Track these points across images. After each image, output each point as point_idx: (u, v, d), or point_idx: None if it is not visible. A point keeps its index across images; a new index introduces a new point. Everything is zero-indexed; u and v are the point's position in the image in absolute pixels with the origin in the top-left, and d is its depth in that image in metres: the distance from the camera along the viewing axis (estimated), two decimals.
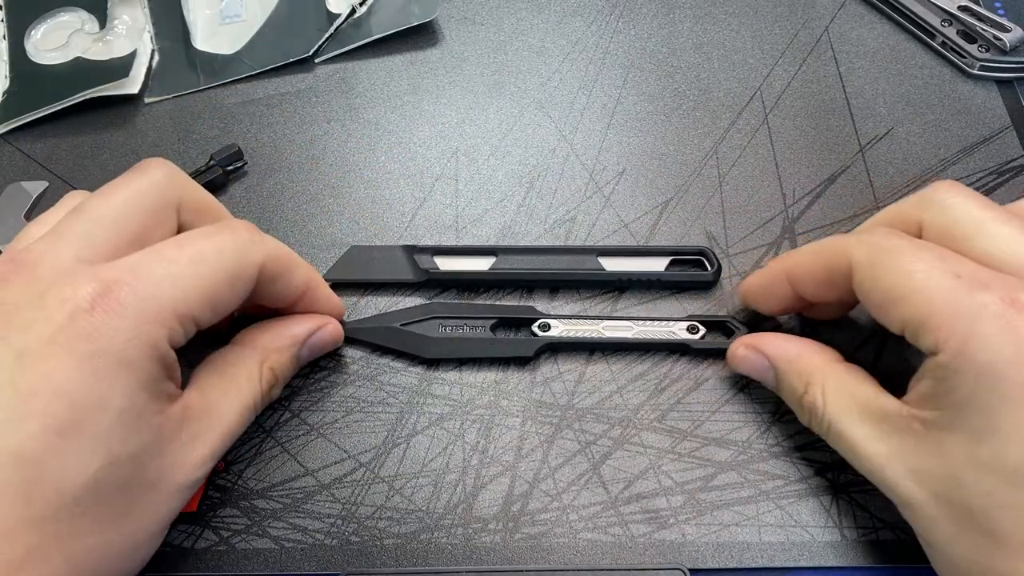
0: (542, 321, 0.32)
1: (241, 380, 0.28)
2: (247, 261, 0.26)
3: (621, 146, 0.39)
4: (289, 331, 0.30)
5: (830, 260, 0.27)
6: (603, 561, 0.28)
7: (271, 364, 0.29)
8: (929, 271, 0.24)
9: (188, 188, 0.28)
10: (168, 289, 0.24)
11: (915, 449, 0.24)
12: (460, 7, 0.45)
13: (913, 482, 0.24)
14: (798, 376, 0.28)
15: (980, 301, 0.22)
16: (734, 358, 0.30)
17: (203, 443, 0.26)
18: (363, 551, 0.29)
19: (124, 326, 0.23)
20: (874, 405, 0.26)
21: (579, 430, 0.31)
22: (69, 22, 0.44)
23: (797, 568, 0.28)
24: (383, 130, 0.40)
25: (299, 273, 0.29)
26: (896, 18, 0.43)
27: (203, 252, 0.25)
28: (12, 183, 0.38)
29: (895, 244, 0.25)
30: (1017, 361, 0.22)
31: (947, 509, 0.23)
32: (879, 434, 0.25)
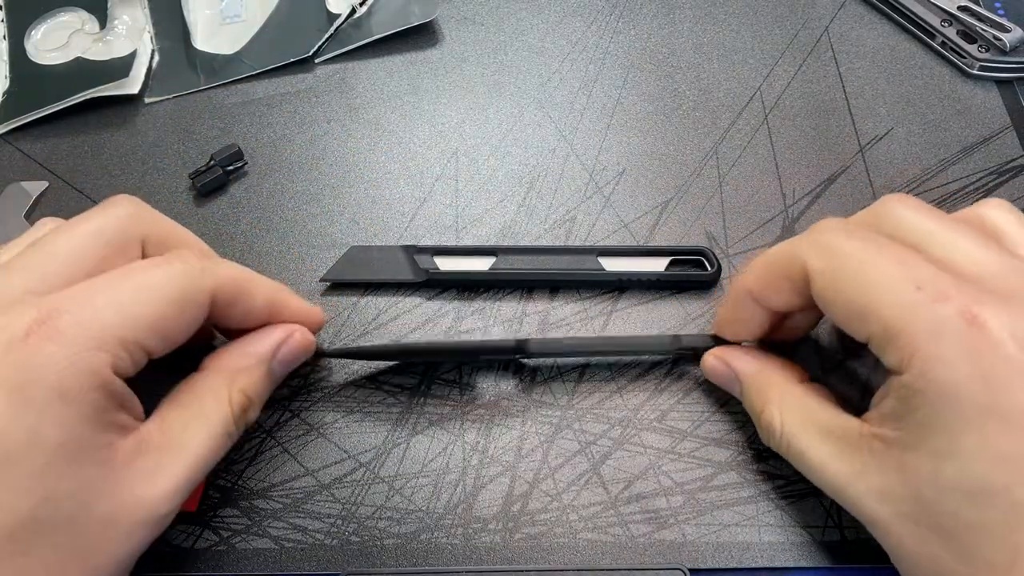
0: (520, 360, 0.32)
1: (208, 406, 0.26)
2: (196, 288, 0.25)
3: (621, 146, 0.39)
4: (254, 349, 0.28)
5: (787, 268, 0.26)
6: (603, 561, 0.28)
7: (240, 386, 0.27)
8: (891, 282, 0.23)
9: (154, 223, 0.27)
10: (110, 315, 0.23)
11: (878, 468, 0.24)
12: (460, 7, 0.45)
13: (877, 501, 0.24)
14: (757, 393, 0.28)
15: (941, 316, 0.22)
16: (704, 366, 0.31)
17: (166, 476, 0.24)
18: (363, 551, 0.29)
19: (61, 354, 0.22)
20: (833, 424, 0.25)
21: (579, 430, 0.31)
22: (69, 22, 0.44)
23: (797, 568, 0.28)
24: (383, 130, 0.40)
25: (259, 294, 0.28)
26: (896, 18, 0.43)
27: (149, 279, 0.24)
28: (12, 183, 0.38)
29: (851, 248, 0.24)
30: (977, 381, 0.21)
31: (913, 528, 0.23)
32: (839, 453, 0.25)
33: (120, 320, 0.23)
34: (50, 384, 0.22)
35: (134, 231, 0.26)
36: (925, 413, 0.22)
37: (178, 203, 0.38)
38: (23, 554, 0.21)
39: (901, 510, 0.23)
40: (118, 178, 0.39)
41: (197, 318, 0.26)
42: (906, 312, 0.23)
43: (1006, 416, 0.21)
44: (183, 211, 0.37)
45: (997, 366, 0.21)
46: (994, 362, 0.21)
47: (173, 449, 0.25)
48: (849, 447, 0.25)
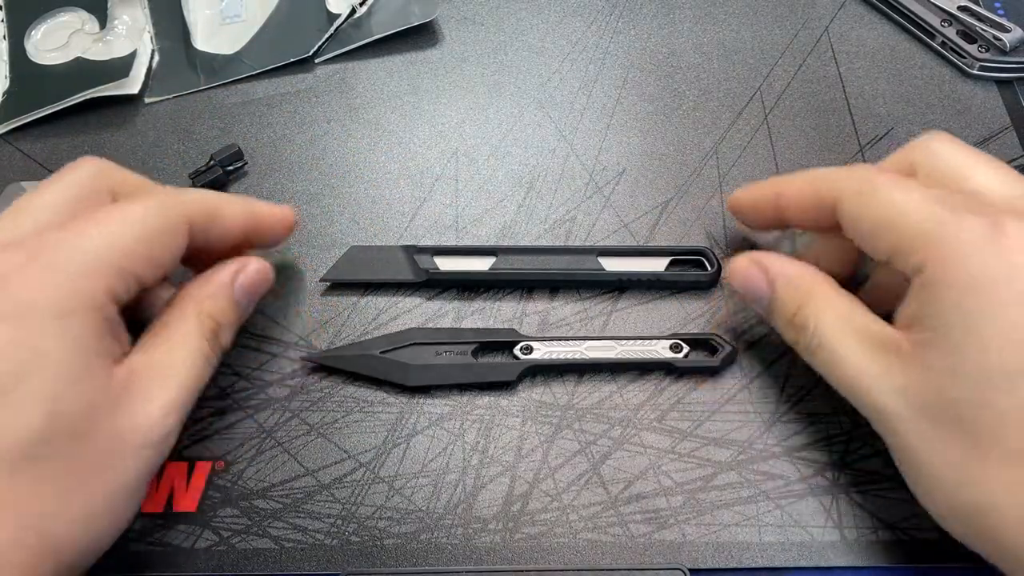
0: (524, 344, 0.32)
1: (181, 332, 0.28)
2: (175, 214, 0.27)
3: (621, 146, 0.39)
4: (215, 276, 0.30)
5: (820, 190, 0.28)
6: (603, 561, 0.28)
7: (208, 311, 0.29)
8: (916, 199, 0.25)
9: (121, 176, 0.29)
10: (102, 244, 0.25)
11: (902, 367, 0.25)
12: (460, 7, 0.45)
13: (898, 398, 0.25)
14: (795, 293, 0.29)
15: (964, 223, 0.23)
16: (735, 272, 0.31)
17: (158, 401, 0.26)
18: (363, 551, 0.29)
19: (58, 280, 0.23)
20: (867, 327, 0.26)
21: (579, 430, 0.31)
22: (69, 22, 0.44)
23: (797, 568, 0.28)
24: (383, 130, 0.40)
25: (231, 210, 0.30)
26: (896, 18, 0.43)
27: (129, 212, 0.26)
28: (12, 183, 0.38)
29: (882, 177, 0.26)
30: (998, 273, 0.22)
31: (928, 420, 0.24)
32: (869, 353, 0.26)
33: (110, 248, 0.25)
34: (50, 309, 0.23)
35: (102, 184, 0.28)
36: (946, 307, 0.23)
37: None
38: (37, 470, 0.22)
39: (919, 404, 0.24)
40: None
41: (179, 242, 0.27)
42: (929, 217, 0.24)
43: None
44: None
45: (1018, 260, 0.22)
46: (1015, 257, 0.23)
47: (158, 375, 0.26)
48: (880, 347, 0.26)
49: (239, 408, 0.32)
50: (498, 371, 0.32)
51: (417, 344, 0.32)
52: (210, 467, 0.30)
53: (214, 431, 0.31)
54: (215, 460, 0.31)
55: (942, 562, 0.28)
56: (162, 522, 0.29)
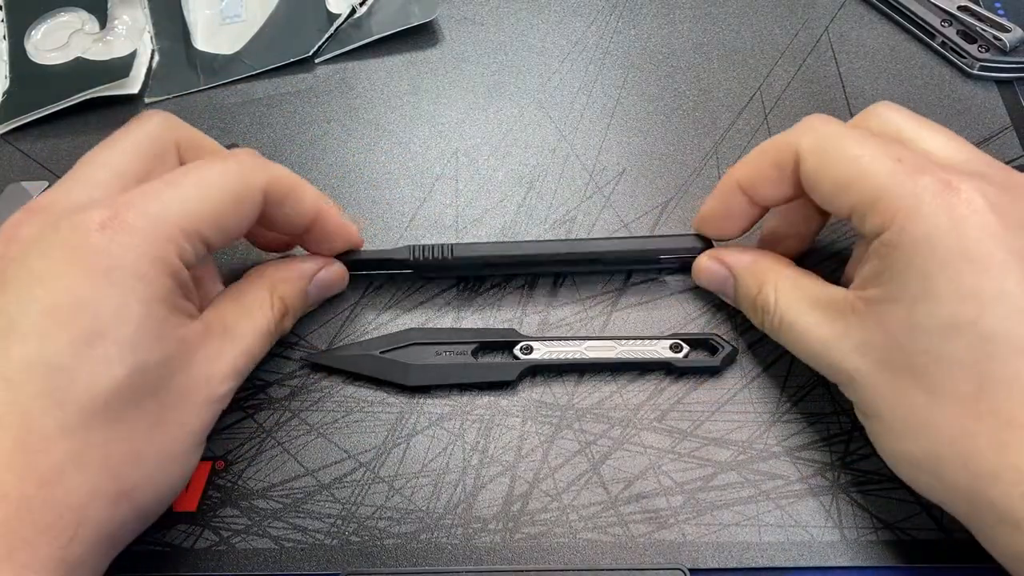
0: (524, 344, 0.32)
1: (254, 306, 0.29)
2: (251, 182, 0.28)
3: (621, 146, 0.39)
4: (296, 265, 0.32)
5: (777, 155, 0.28)
6: (603, 561, 0.28)
7: (280, 293, 0.30)
8: (874, 156, 0.26)
9: (185, 130, 0.30)
10: (175, 208, 0.25)
11: (859, 325, 0.26)
12: (460, 7, 0.45)
13: (857, 355, 0.26)
14: (753, 278, 0.30)
15: (920, 183, 0.24)
16: (698, 270, 0.33)
17: (226, 359, 0.27)
18: (363, 551, 0.29)
19: (134, 242, 0.24)
20: (822, 295, 0.28)
21: (579, 430, 0.31)
22: (69, 22, 0.44)
23: (797, 568, 0.28)
24: (383, 130, 0.40)
25: (307, 197, 0.30)
26: (896, 18, 0.43)
27: (207, 176, 0.27)
28: (12, 183, 0.38)
29: (838, 130, 0.27)
30: (951, 230, 0.24)
31: (888, 374, 0.25)
32: (826, 319, 0.27)
33: (183, 213, 0.26)
34: (129, 268, 0.24)
35: (168, 137, 0.29)
36: (903, 264, 0.24)
37: None
38: (117, 420, 0.24)
39: (877, 359, 0.25)
40: None
41: (252, 212, 0.28)
42: (888, 179, 0.25)
43: (975, 258, 0.23)
44: None
45: (969, 218, 0.24)
46: (966, 214, 0.24)
47: (229, 337, 0.28)
48: (836, 312, 0.27)
49: (239, 408, 0.32)
50: (498, 371, 0.32)
51: (417, 344, 0.32)
52: (210, 467, 0.30)
53: (214, 431, 0.31)
54: (215, 460, 0.31)
55: (942, 562, 0.28)
56: (162, 522, 0.29)
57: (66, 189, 0.27)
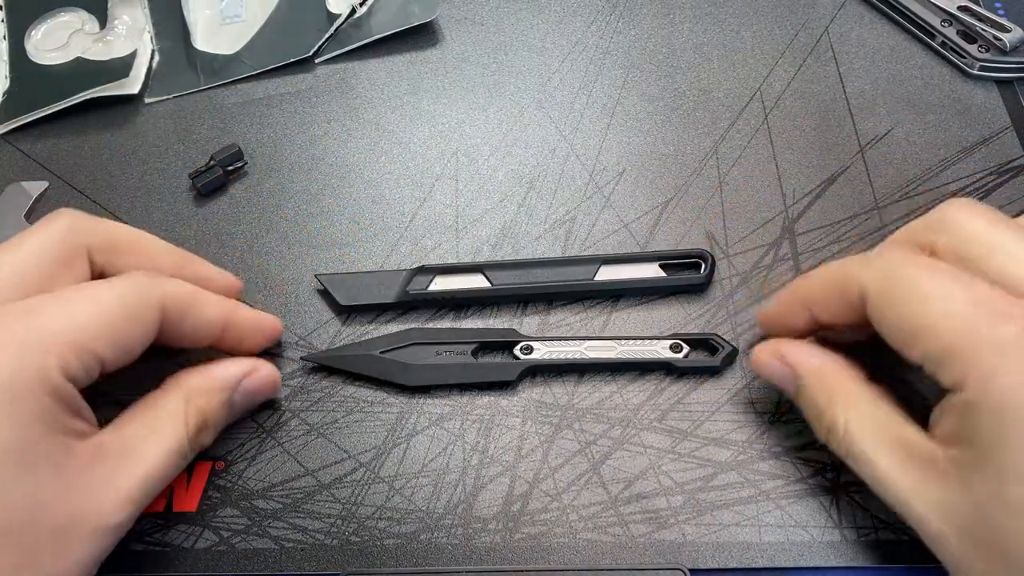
0: (524, 344, 0.32)
1: (164, 421, 0.27)
2: (146, 298, 0.26)
3: (621, 146, 0.39)
4: (219, 373, 0.29)
5: (843, 289, 0.26)
6: (603, 561, 0.28)
7: (198, 406, 0.27)
8: (946, 301, 0.23)
9: (97, 231, 0.28)
10: (59, 321, 0.24)
11: (942, 485, 0.23)
12: (460, 7, 0.45)
13: (941, 518, 0.23)
14: (820, 390, 0.27)
15: (1002, 334, 0.22)
16: (757, 364, 0.30)
17: (121, 485, 0.25)
18: (363, 551, 0.29)
19: (7, 357, 0.22)
20: (899, 434, 0.25)
21: (579, 430, 0.31)
22: (69, 22, 0.44)
23: (797, 568, 0.28)
24: (383, 130, 0.40)
25: (209, 307, 0.28)
26: (896, 18, 0.43)
27: (99, 292, 0.25)
28: (12, 183, 0.38)
29: (906, 272, 0.24)
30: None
31: (978, 549, 0.22)
32: (904, 465, 0.24)
33: (69, 326, 0.24)
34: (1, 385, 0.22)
35: (78, 241, 0.27)
36: (988, 430, 0.22)
37: (178, 203, 0.38)
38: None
39: (965, 528, 0.23)
40: (118, 178, 0.39)
41: (150, 328, 0.26)
42: (965, 328, 0.22)
43: None
44: (183, 211, 0.37)
45: None
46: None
47: (128, 459, 0.25)
48: (914, 460, 0.24)
49: None
50: (498, 371, 0.32)
51: (417, 344, 0.32)
52: (210, 467, 0.30)
53: None
54: (215, 460, 0.31)
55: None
56: (162, 522, 0.29)
57: None
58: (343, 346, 0.33)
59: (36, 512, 0.23)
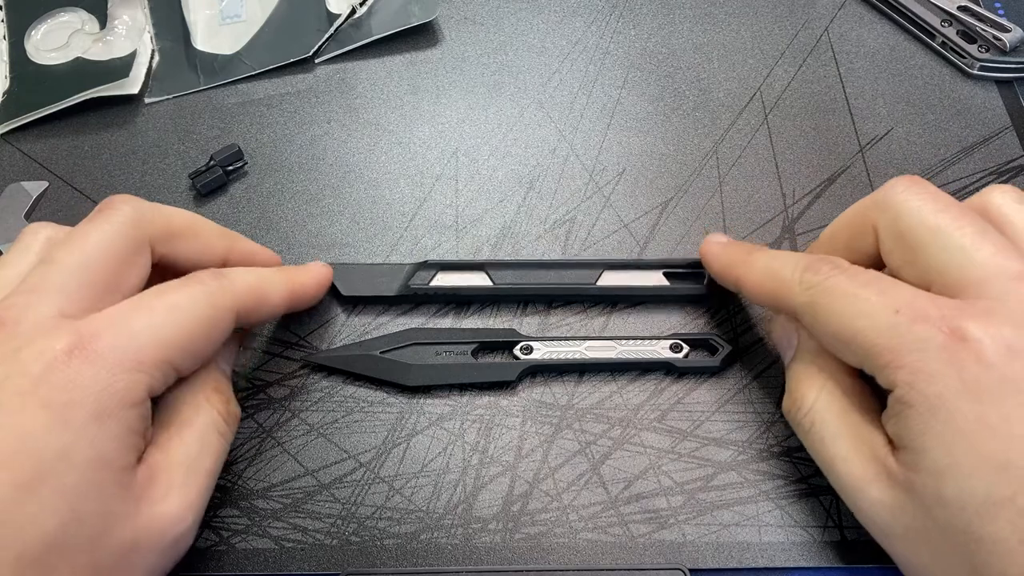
0: (524, 344, 0.32)
1: (189, 415, 0.27)
2: (222, 306, 0.26)
3: (621, 146, 0.39)
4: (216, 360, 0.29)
5: (776, 295, 0.27)
6: (603, 561, 0.28)
7: (207, 386, 0.27)
8: (869, 311, 0.24)
9: (157, 220, 0.27)
10: (146, 336, 0.24)
11: (888, 483, 0.24)
12: (460, 7, 0.45)
13: (889, 516, 0.24)
14: (808, 366, 0.28)
15: (922, 335, 0.22)
16: (776, 325, 0.31)
17: (176, 495, 0.25)
18: (363, 551, 0.29)
19: (101, 375, 0.23)
20: (862, 428, 0.25)
21: (579, 430, 0.31)
22: (69, 22, 0.44)
23: (797, 568, 0.28)
24: (383, 130, 0.40)
25: (275, 293, 0.29)
26: (896, 18, 0.43)
27: (179, 301, 0.25)
28: (12, 183, 0.38)
29: (833, 285, 0.25)
30: (962, 393, 0.22)
31: (924, 546, 0.23)
32: (859, 455, 0.25)
33: (155, 341, 0.24)
34: (89, 405, 0.22)
35: (141, 234, 0.27)
36: (919, 429, 0.22)
37: (178, 203, 0.38)
38: (47, 572, 0.22)
39: (912, 527, 0.23)
40: (118, 178, 0.39)
41: (223, 334, 0.27)
42: (887, 334, 0.23)
43: (995, 425, 0.21)
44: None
45: (981, 376, 0.22)
46: (977, 372, 0.22)
47: (175, 466, 0.25)
48: (870, 453, 0.25)
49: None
50: (498, 371, 0.32)
51: (417, 344, 0.32)
52: None
53: None
54: None
55: None
56: None
57: (33, 296, 0.24)
58: (343, 346, 0.33)
59: (106, 530, 0.23)
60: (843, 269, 0.26)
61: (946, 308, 0.23)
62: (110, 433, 0.23)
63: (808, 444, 0.27)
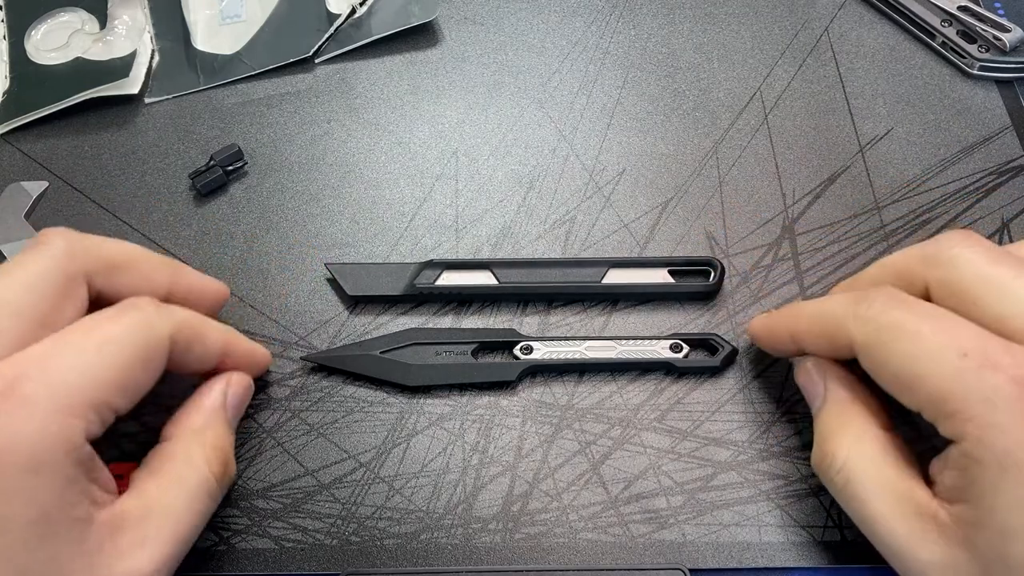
0: (524, 344, 0.32)
1: (184, 472, 0.25)
2: (157, 335, 0.25)
3: (621, 146, 0.39)
4: (207, 402, 0.28)
5: (831, 336, 0.26)
6: (603, 561, 0.28)
7: (211, 443, 0.27)
8: (934, 353, 0.22)
9: (93, 251, 0.26)
10: (76, 378, 0.22)
11: (942, 540, 0.23)
12: (460, 7, 0.45)
13: (941, 573, 0.23)
14: (836, 418, 0.27)
15: (991, 384, 0.21)
16: (800, 370, 0.29)
17: (152, 548, 0.23)
18: (363, 551, 0.29)
19: (31, 425, 0.21)
20: (900, 483, 0.24)
21: (579, 430, 0.31)
22: (69, 22, 0.44)
23: (797, 568, 0.28)
24: (383, 130, 0.40)
25: (212, 336, 0.27)
26: (896, 18, 0.43)
27: (110, 334, 0.23)
28: (12, 183, 0.38)
29: (894, 322, 0.24)
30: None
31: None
32: (902, 513, 0.24)
33: (87, 382, 0.22)
34: (21, 458, 0.21)
35: (76, 268, 0.25)
36: (987, 485, 0.21)
37: (178, 203, 0.38)
38: None
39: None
40: (118, 178, 0.39)
41: (159, 367, 0.25)
42: (954, 380, 0.22)
43: None
44: (183, 211, 0.37)
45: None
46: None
47: (155, 518, 0.24)
48: (914, 509, 0.24)
49: None
50: (498, 371, 0.32)
51: (417, 344, 0.32)
52: None
53: None
54: None
55: None
56: None
57: None
58: (343, 346, 0.33)
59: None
60: (900, 301, 0.24)
61: (1018, 355, 0.22)
62: (50, 485, 0.21)
63: (843, 502, 0.26)
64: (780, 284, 0.34)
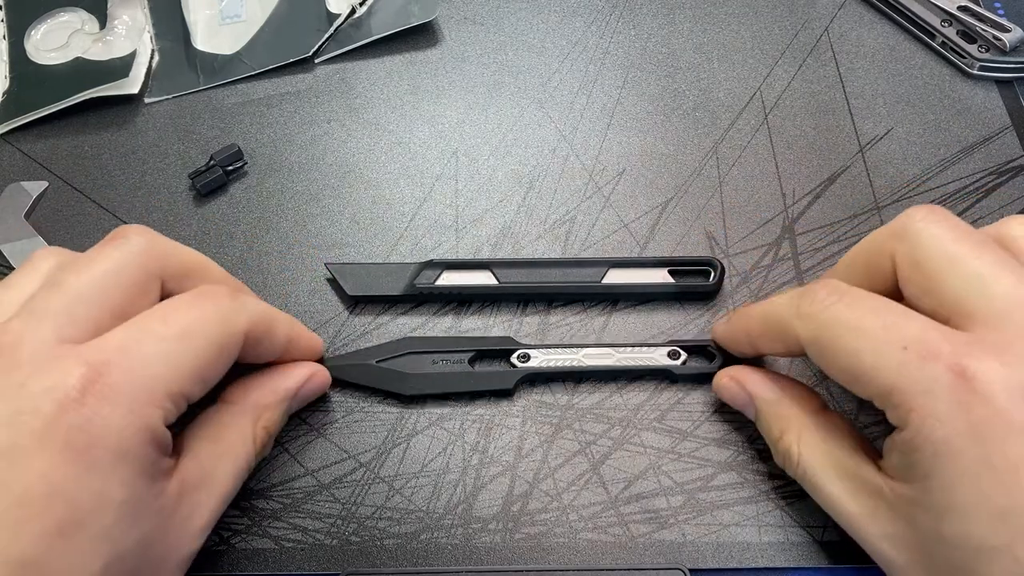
0: (521, 352, 0.32)
1: (235, 443, 0.27)
2: (233, 329, 0.25)
3: (621, 146, 0.39)
4: (281, 385, 0.29)
5: (781, 336, 0.27)
6: (603, 561, 0.28)
7: (264, 423, 0.28)
8: (876, 347, 0.23)
9: (170, 255, 0.27)
10: (160, 368, 0.23)
11: (890, 514, 0.24)
12: (460, 7, 0.45)
13: (891, 546, 0.24)
14: (775, 420, 0.28)
15: (931, 375, 0.22)
16: (718, 387, 0.30)
17: (201, 514, 0.25)
18: (363, 551, 0.29)
19: (118, 414, 0.22)
20: (849, 464, 0.26)
21: (579, 430, 0.31)
22: (69, 22, 0.44)
23: (797, 568, 0.28)
24: (383, 130, 0.40)
25: (281, 329, 0.28)
26: (896, 18, 0.43)
27: (189, 325, 0.24)
28: (12, 183, 0.38)
29: (835, 317, 0.25)
30: (970, 436, 0.21)
31: (924, 573, 0.23)
32: (855, 493, 0.25)
33: (168, 372, 0.23)
34: (111, 445, 0.22)
35: (153, 266, 0.26)
36: (924, 469, 0.22)
37: (178, 203, 0.38)
38: None
39: (913, 558, 0.24)
40: (118, 178, 0.39)
41: (233, 358, 0.26)
42: (897, 373, 0.23)
43: (1000, 471, 0.21)
44: (183, 211, 0.37)
45: (988, 420, 0.21)
46: (984, 415, 0.21)
47: (207, 486, 0.25)
48: (864, 488, 0.25)
49: None
50: (495, 380, 0.32)
51: (413, 353, 0.32)
52: None
53: None
54: None
55: None
56: None
57: (33, 320, 0.23)
58: (339, 356, 0.33)
59: (144, 558, 0.23)
60: (841, 294, 0.25)
61: (957, 343, 0.22)
62: (137, 469, 0.22)
63: (810, 492, 0.27)
64: (780, 284, 0.34)
